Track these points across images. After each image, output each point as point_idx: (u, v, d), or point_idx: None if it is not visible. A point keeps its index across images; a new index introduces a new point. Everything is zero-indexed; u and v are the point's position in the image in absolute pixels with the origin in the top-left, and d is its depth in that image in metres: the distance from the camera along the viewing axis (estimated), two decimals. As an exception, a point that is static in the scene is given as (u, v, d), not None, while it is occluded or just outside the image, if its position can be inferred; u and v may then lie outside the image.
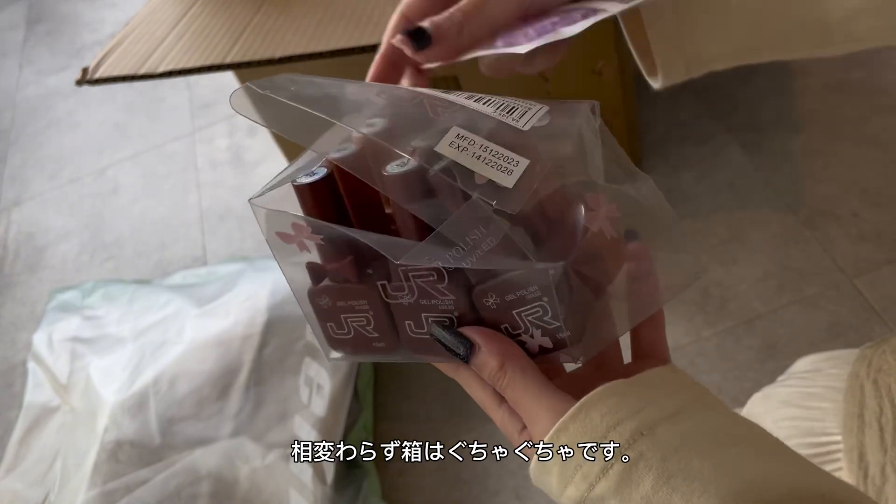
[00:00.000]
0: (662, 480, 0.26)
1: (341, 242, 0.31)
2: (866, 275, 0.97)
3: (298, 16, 0.81)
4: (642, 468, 0.26)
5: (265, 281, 1.01)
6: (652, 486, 0.26)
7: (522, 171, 0.27)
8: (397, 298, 0.31)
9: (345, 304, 0.32)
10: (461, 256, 0.28)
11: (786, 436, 0.53)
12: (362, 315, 0.32)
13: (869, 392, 0.48)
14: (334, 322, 0.33)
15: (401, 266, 0.30)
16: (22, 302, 1.38)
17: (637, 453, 0.27)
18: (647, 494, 0.26)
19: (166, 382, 0.92)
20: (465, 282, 0.30)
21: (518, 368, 0.30)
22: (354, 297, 0.32)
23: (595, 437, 0.27)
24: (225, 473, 0.87)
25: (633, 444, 0.27)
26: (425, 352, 0.33)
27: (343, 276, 0.32)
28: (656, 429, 0.27)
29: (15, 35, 2.13)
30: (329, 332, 0.34)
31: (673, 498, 0.25)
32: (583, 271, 0.29)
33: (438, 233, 0.28)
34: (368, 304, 0.32)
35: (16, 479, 1.01)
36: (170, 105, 1.69)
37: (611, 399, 0.28)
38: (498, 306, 0.30)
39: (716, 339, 0.96)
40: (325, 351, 0.35)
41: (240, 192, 1.42)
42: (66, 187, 1.59)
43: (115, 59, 0.85)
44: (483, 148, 0.28)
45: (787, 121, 1.17)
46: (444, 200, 0.28)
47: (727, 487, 0.25)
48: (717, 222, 1.07)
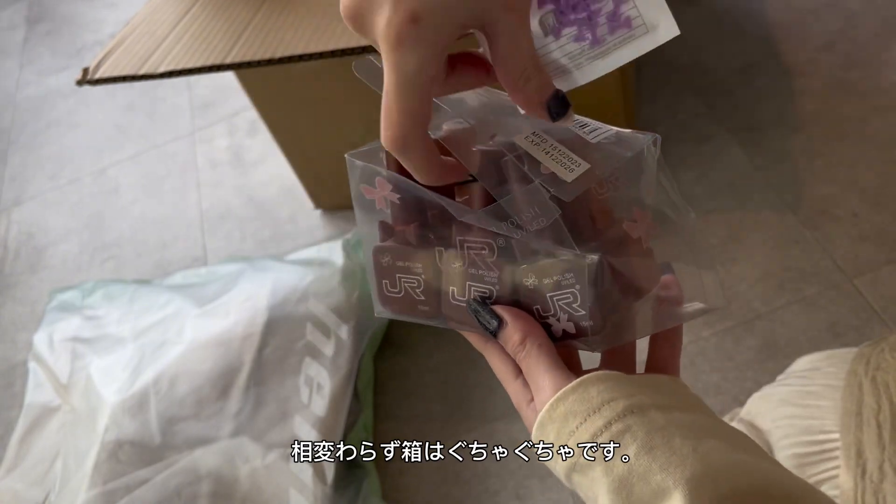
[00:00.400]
0: (645, 451, 0.29)
1: (413, 207, 0.35)
2: (866, 275, 0.97)
3: (298, 16, 0.81)
4: (628, 438, 0.29)
5: (265, 281, 1.02)
6: (635, 453, 0.29)
7: (582, 172, 0.32)
8: (449, 265, 0.35)
9: (402, 265, 0.36)
10: (512, 229, 0.32)
11: (784, 434, 0.53)
12: (415, 277, 0.37)
13: (867, 390, 0.48)
14: (389, 280, 0.37)
15: (458, 236, 0.34)
16: (22, 302, 1.38)
17: (625, 425, 0.30)
18: (630, 462, 0.28)
19: (167, 382, 0.92)
20: (510, 261, 0.34)
21: (536, 345, 0.33)
22: (412, 259, 0.36)
23: (590, 409, 0.30)
24: (225, 473, 0.87)
25: (622, 417, 0.30)
26: (460, 321, 0.36)
27: (407, 239, 0.36)
28: (646, 411, 0.30)
29: (15, 35, 2.13)
30: (382, 289, 0.38)
31: (652, 466, 0.28)
32: (617, 268, 0.33)
33: (499, 204, 0.32)
34: (422, 268, 0.36)
35: (16, 479, 1.01)
36: (170, 105, 1.69)
37: (609, 381, 0.32)
38: (535, 287, 0.33)
39: (715, 338, 0.96)
40: (375, 307, 0.39)
41: (240, 191, 1.42)
42: (67, 187, 1.59)
43: (115, 59, 0.85)
44: (553, 147, 0.33)
45: (787, 121, 1.17)
46: (511, 184, 0.33)
47: (701, 467, 0.28)
48: (717, 222, 1.08)
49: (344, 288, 1.00)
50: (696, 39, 1.33)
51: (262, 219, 1.35)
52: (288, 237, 1.30)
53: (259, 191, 1.41)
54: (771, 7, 1.35)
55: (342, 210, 1.31)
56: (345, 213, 1.30)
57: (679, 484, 0.27)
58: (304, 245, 1.21)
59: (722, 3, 1.39)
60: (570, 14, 0.32)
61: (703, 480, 0.28)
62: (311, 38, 0.77)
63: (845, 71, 1.21)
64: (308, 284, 1.00)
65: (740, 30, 1.33)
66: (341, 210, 1.31)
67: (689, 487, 0.27)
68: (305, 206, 1.32)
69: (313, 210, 1.32)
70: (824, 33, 1.27)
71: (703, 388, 0.93)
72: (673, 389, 0.34)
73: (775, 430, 0.54)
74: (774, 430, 0.54)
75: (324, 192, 1.28)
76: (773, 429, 0.55)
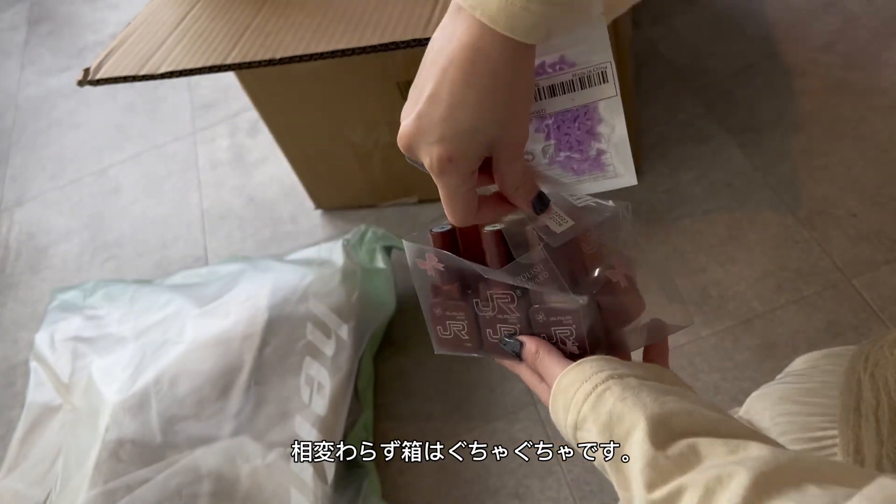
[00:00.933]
0: (619, 401, 0.40)
1: (454, 272, 0.49)
2: (864, 274, 0.97)
3: (298, 18, 0.82)
4: (608, 395, 0.41)
5: (266, 281, 1.02)
6: (612, 404, 0.40)
7: (568, 226, 0.45)
8: (484, 312, 0.49)
9: (450, 314, 0.50)
10: (525, 281, 0.45)
11: (782, 431, 0.54)
12: (459, 322, 0.50)
13: (866, 385, 0.49)
14: (441, 326, 0.51)
15: (488, 290, 0.48)
16: (24, 302, 1.39)
17: (607, 386, 0.41)
18: (609, 409, 0.40)
19: (167, 382, 0.92)
20: (526, 305, 0.47)
21: (546, 352, 0.46)
22: (457, 310, 0.50)
23: (584, 378, 0.42)
24: (226, 472, 0.87)
25: (605, 381, 0.41)
26: (496, 353, 0.49)
27: (451, 295, 0.49)
28: (624, 377, 0.41)
29: (16, 36, 2.13)
30: (437, 333, 0.51)
31: (624, 410, 0.39)
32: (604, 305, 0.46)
33: (515, 262, 0.45)
34: (465, 315, 0.49)
35: (17, 479, 1.01)
36: (171, 105, 1.70)
37: (601, 361, 0.43)
38: (544, 322, 0.46)
39: (714, 338, 0.97)
40: (434, 348, 0.52)
41: (240, 192, 1.42)
42: (68, 187, 1.60)
43: (116, 59, 0.85)
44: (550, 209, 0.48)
45: (786, 121, 1.17)
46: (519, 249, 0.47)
47: (660, 410, 0.38)
48: (716, 222, 1.08)
49: (344, 288, 1.01)
50: (696, 40, 1.33)
51: (263, 219, 1.36)
52: (288, 237, 1.31)
53: (259, 191, 1.41)
54: (770, 7, 1.35)
55: (342, 210, 1.31)
56: (344, 213, 1.30)
57: (641, 421, 0.38)
58: (305, 245, 1.21)
59: (722, 4, 1.39)
60: (564, 151, 0.48)
61: (661, 418, 0.38)
62: (311, 40, 0.77)
63: (844, 71, 1.21)
64: (308, 284, 1.00)
65: (740, 30, 1.33)
66: (341, 210, 1.31)
67: (649, 424, 0.37)
68: (306, 207, 1.33)
69: (313, 210, 1.32)
70: (823, 34, 1.28)
71: (702, 387, 0.93)
72: (656, 371, 0.44)
73: (774, 427, 0.54)
74: (773, 427, 0.55)
75: (324, 192, 1.28)
76: (771, 426, 0.55)
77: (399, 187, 1.23)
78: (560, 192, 0.49)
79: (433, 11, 0.74)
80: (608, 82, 0.48)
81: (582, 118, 0.49)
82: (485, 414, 0.98)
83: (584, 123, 0.49)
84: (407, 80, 1.00)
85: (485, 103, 0.40)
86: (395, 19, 0.75)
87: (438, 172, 0.42)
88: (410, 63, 0.98)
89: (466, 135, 0.41)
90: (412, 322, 1.09)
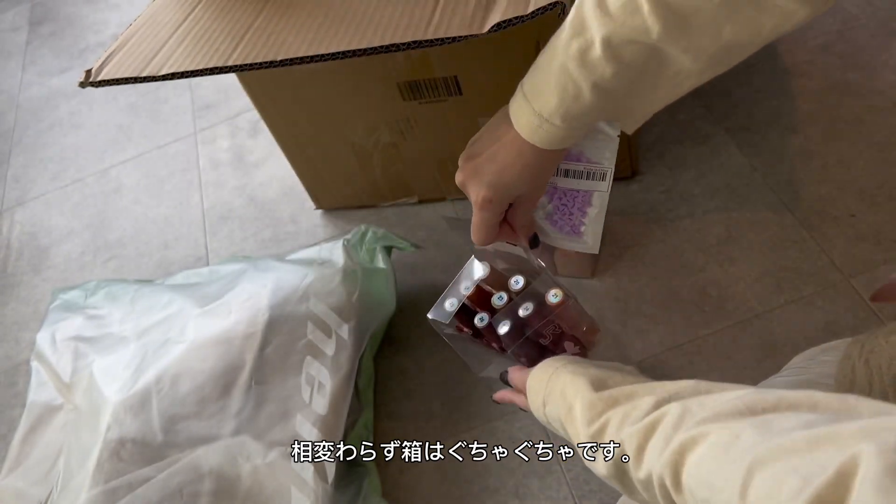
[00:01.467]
0: (571, 374, 0.54)
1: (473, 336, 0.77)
2: (863, 274, 0.97)
3: (300, 19, 0.82)
4: (563, 372, 0.55)
5: (266, 280, 1.02)
6: (565, 377, 0.55)
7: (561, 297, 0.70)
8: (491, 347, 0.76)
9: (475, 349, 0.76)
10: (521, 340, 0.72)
11: None
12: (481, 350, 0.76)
13: (860, 371, 0.50)
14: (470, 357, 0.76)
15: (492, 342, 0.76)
16: (25, 301, 1.39)
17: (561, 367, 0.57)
18: (563, 381, 0.54)
19: (168, 381, 0.92)
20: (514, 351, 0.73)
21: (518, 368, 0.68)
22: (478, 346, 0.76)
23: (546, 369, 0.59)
24: (227, 471, 0.87)
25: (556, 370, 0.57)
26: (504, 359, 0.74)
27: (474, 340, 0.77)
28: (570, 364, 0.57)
29: (18, 36, 2.14)
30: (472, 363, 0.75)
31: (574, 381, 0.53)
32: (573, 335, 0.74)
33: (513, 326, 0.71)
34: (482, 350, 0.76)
35: (19, 478, 1.01)
36: (172, 106, 1.70)
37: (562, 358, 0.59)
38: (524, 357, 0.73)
39: (713, 338, 0.97)
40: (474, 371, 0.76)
41: (241, 192, 1.43)
42: (69, 187, 1.60)
43: (117, 61, 0.86)
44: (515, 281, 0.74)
45: (785, 121, 1.18)
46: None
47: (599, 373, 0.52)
48: (715, 222, 1.08)
49: (344, 287, 1.01)
50: (695, 41, 1.33)
51: (264, 219, 1.36)
52: (289, 237, 1.31)
53: (260, 191, 1.41)
54: (769, 8, 1.35)
55: (342, 210, 1.31)
56: (345, 213, 1.31)
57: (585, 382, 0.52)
58: (305, 245, 1.21)
59: (721, 5, 1.39)
60: (558, 214, 0.71)
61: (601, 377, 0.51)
62: (312, 41, 0.77)
63: (843, 72, 1.22)
64: (309, 284, 1.00)
65: (739, 31, 1.33)
66: (341, 210, 1.31)
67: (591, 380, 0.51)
68: (306, 207, 1.33)
69: (314, 210, 1.33)
70: (822, 34, 1.28)
71: (701, 387, 0.93)
72: (611, 365, 0.56)
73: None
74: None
75: (324, 192, 1.29)
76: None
77: (399, 187, 1.24)
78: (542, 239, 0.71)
79: (433, 13, 0.75)
80: (605, 181, 0.66)
81: (580, 198, 0.69)
82: (485, 414, 0.98)
83: (579, 202, 0.69)
84: (407, 81, 1.01)
85: (523, 175, 0.60)
86: (396, 21, 0.76)
87: (480, 207, 0.62)
88: (411, 64, 0.98)
89: (506, 187, 0.61)
90: (412, 322, 1.10)
